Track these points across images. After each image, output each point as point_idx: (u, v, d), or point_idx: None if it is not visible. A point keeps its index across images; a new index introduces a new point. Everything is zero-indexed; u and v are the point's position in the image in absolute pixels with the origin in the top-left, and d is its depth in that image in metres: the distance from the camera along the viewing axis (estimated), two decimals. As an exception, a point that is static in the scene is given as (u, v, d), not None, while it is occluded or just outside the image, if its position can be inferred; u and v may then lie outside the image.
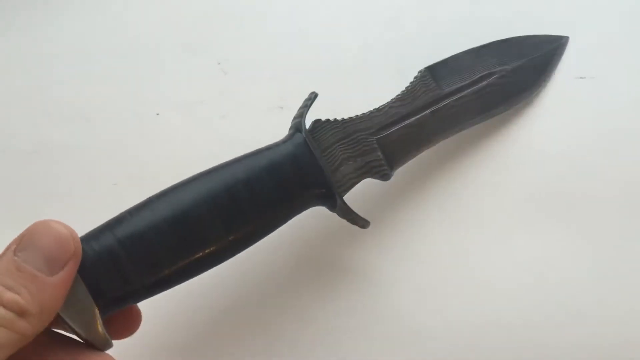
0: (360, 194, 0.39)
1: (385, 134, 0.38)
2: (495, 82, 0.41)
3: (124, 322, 0.32)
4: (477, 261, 0.41)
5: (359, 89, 0.45)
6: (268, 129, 0.40)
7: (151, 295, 0.31)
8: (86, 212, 0.41)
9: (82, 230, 0.30)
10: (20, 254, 0.26)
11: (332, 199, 0.35)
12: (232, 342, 0.40)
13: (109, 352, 0.30)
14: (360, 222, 0.36)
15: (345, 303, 0.40)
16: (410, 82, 0.40)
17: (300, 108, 0.37)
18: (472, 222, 0.42)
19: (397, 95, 0.39)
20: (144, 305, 0.33)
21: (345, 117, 0.37)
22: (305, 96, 0.40)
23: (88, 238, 0.30)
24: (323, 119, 0.36)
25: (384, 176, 0.37)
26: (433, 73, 0.40)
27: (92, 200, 0.42)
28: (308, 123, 0.36)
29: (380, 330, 0.40)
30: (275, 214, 0.33)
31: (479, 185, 0.42)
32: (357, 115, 0.37)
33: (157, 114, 0.44)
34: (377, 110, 0.38)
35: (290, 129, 0.36)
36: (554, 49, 0.44)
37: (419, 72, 0.40)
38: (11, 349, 0.25)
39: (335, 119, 0.37)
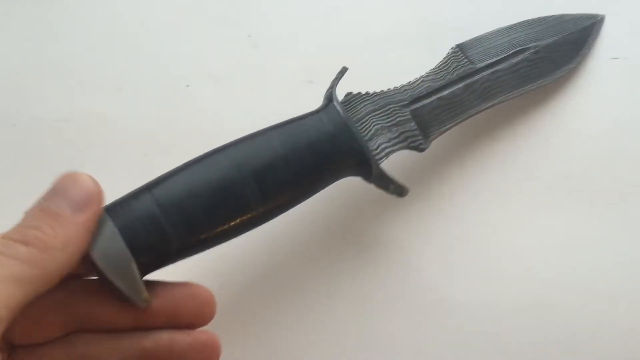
0: (391, 169, 0.39)
1: (419, 105, 0.38)
2: (530, 57, 0.41)
3: (193, 309, 0.31)
4: (505, 238, 0.41)
5: (390, 64, 0.44)
6: (298, 102, 0.39)
7: (186, 256, 0.31)
8: (116, 182, 0.42)
9: (112, 198, 0.31)
10: (45, 200, 0.28)
11: (368, 168, 0.35)
12: (260, 313, 0.40)
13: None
14: (397, 189, 0.36)
15: (374, 277, 0.40)
16: (443, 59, 0.40)
17: (332, 82, 0.37)
18: (501, 199, 0.41)
19: (429, 71, 0.39)
20: (171, 273, 0.33)
21: (377, 91, 0.37)
22: (335, 71, 0.40)
23: (127, 198, 0.30)
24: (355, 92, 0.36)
25: (420, 146, 0.37)
26: (465, 50, 0.40)
27: (122, 170, 0.42)
28: (340, 96, 0.36)
29: (407, 304, 0.40)
30: (311, 182, 0.33)
31: (510, 163, 0.42)
32: (389, 89, 0.37)
33: (187, 86, 0.44)
34: (409, 84, 0.38)
35: (323, 100, 0.36)
36: (589, 26, 0.43)
37: (451, 48, 0.40)
38: (35, 286, 0.26)
39: (367, 92, 0.37)
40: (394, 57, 0.45)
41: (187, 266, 0.32)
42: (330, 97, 0.35)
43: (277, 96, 0.44)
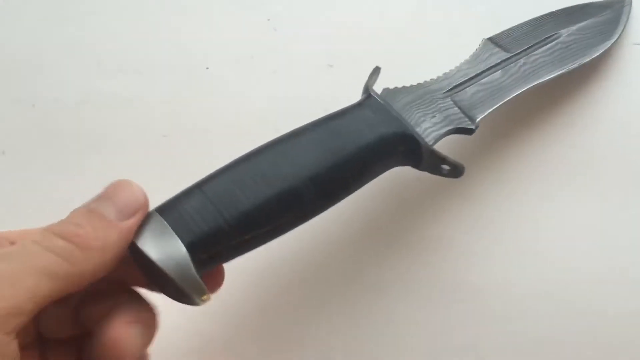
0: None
1: (459, 91, 0.37)
2: (564, 40, 0.41)
3: (207, 280, 0.30)
4: (545, 228, 0.41)
5: (410, 51, 0.44)
6: (317, 86, 0.40)
7: (240, 253, 0.31)
8: (137, 163, 0.42)
9: (133, 178, 0.31)
10: (93, 202, 0.28)
11: (417, 152, 0.34)
12: (307, 310, 0.40)
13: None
14: (452, 169, 0.35)
15: (418, 270, 0.40)
16: (475, 51, 0.40)
17: (368, 78, 0.36)
18: (543, 190, 0.41)
19: (463, 61, 0.39)
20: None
21: (413, 84, 0.37)
22: (355, 55, 0.40)
23: (178, 197, 0.30)
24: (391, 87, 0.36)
25: (467, 127, 0.36)
26: (496, 41, 0.40)
27: (142, 151, 0.42)
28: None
29: (447, 297, 0.40)
30: (361, 174, 0.33)
31: (550, 153, 0.42)
32: (425, 81, 0.37)
33: (207, 68, 0.44)
34: (445, 74, 0.38)
35: (362, 95, 0.36)
36: (618, 7, 0.43)
37: (482, 40, 0.40)
38: (66, 283, 0.25)
39: (403, 85, 0.36)
40: (413, 42, 0.45)
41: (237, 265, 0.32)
42: (367, 90, 0.35)
43: (297, 79, 0.44)
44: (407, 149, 0.34)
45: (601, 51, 0.42)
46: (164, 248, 0.27)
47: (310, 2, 0.46)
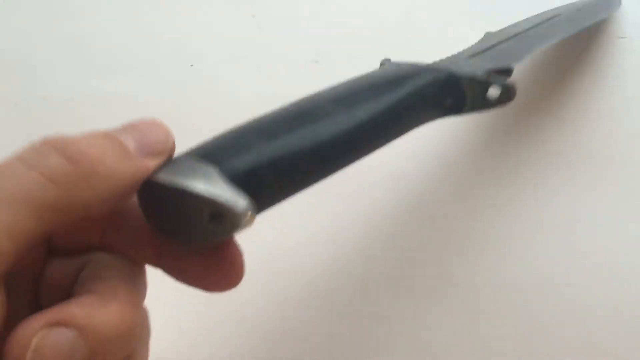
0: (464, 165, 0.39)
1: (480, 54, 0.34)
2: (566, 14, 0.39)
3: (224, 267, 0.24)
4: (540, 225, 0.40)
5: (397, 47, 0.44)
6: (303, 82, 0.40)
7: (278, 198, 0.25)
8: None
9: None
10: (114, 129, 0.22)
11: (455, 86, 0.30)
12: (361, 292, 0.40)
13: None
14: (503, 92, 0.30)
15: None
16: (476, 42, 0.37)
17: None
18: (539, 186, 0.41)
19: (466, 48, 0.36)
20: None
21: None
22: (340, 51, 0.40)
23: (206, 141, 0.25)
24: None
25: (507, 68, 0.32)
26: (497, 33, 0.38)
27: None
28: None
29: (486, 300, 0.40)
30: (397, 113, 0.28)
31: (541, 151, 0.42)
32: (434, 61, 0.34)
33: (191, 65, 0.45)
34: (452, 54, 0.35)
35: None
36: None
37: (484, 34, 0.38)
38: (56, 216, 0.20)
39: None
40: (403, 39, 0.45)
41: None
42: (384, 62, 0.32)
43: (282, 76, 0.44)
44: (444, 83, 0.30)
45: (605, 16, 0.41)
46: (187, 173, 0.22)
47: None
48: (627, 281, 0.39)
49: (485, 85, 0.30)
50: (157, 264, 0.24)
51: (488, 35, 0.37)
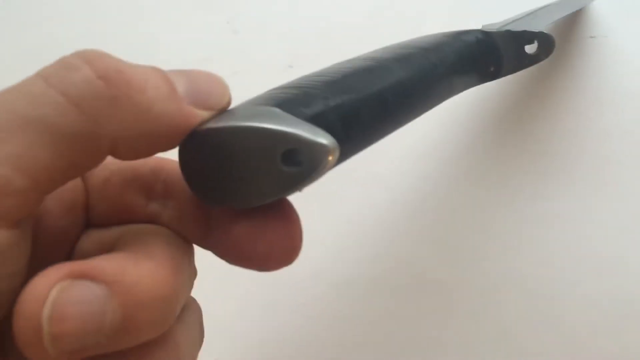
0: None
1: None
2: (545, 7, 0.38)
3: (281, 236, 0.19)
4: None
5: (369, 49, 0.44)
6: (279, 86, 0.40)
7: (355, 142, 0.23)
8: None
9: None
10: (166, 70, 0.18)
11: (491, 45, 0.30)
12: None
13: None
14: (541, 44, 0.30)
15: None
16: None
17: None
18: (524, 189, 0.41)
19: None
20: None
21: None
22: (315, 55, 0.40)
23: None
24: None
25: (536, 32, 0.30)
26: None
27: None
28: None
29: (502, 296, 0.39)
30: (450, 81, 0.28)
31: (518, 151, 0.42)
32: None
33: (167, 72, 0.44)
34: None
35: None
36: None
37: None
38: (78, 149, 0.16)
39: None
40: (374, 41, 0.44)
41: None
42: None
43: (257, 81, 0.43)
44: (482, 45, 0.29)
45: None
46: (247, 115, 0.19)
47: (269, 3, 0.46)
48: (625, 279, 0.39)
49: (522, 37, 0.29)
50: (204, 243, 0.20)
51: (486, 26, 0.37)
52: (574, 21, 0.44)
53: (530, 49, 0.30)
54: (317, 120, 0.19)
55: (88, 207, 0.20)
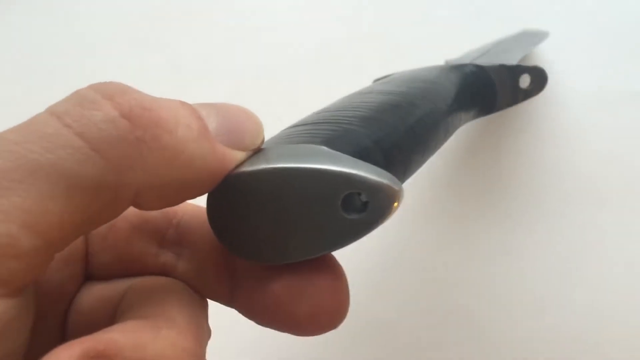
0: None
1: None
2: (504, 46, 0.37)
3: (324, 298, 0.16)
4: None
5: (316, 86, 0.44)
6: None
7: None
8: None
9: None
10: (198, 104, 0.17)
11: (487, 80, 0.29)
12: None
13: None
14: (534, 78, 0.29)
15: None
16: None
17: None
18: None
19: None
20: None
21: None
22: (261, 90, 0.40)
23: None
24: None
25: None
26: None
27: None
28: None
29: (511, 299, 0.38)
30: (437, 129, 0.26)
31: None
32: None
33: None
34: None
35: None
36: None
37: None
38: (96, 198, 0.14)
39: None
40: (320, 77, 0.45)
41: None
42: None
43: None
44: (477, 78, 0.29)
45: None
46: (292, 155, 0.16)
47: (212, 41, 0.46)
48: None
49: (516, 71, 0.28)
50: (228, 300, 0.18)
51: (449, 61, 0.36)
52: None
53: (522, 83, 0.29)
54: (364, 158, 0.17)
55: (88, 256, 0.18)
